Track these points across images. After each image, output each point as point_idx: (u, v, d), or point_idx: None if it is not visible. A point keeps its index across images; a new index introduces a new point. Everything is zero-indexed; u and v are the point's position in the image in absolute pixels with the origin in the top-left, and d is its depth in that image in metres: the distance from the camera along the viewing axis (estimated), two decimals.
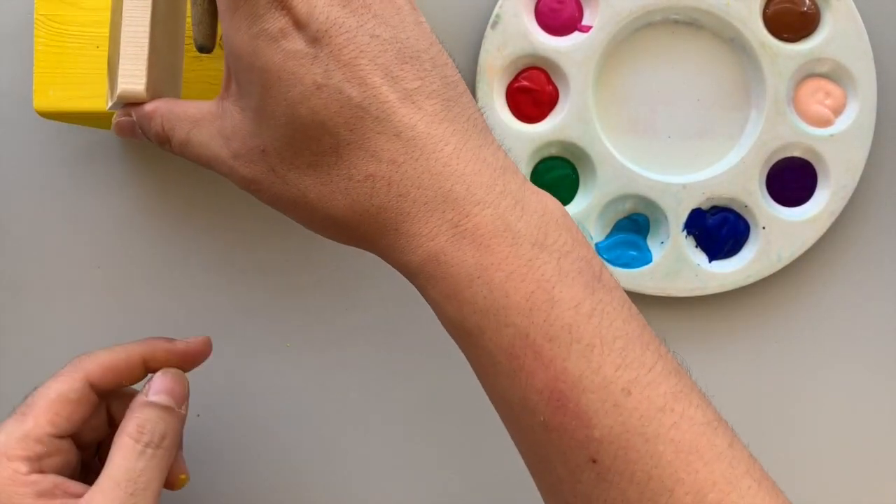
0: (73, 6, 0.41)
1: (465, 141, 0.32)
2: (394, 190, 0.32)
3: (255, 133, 0.33)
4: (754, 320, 0.51)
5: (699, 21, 0.49)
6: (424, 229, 0.32)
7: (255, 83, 0.32)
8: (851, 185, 0.49)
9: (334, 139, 0.32)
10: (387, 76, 0.32)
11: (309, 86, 0.31)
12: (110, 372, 0.40)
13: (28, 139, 0.49)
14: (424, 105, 0.32)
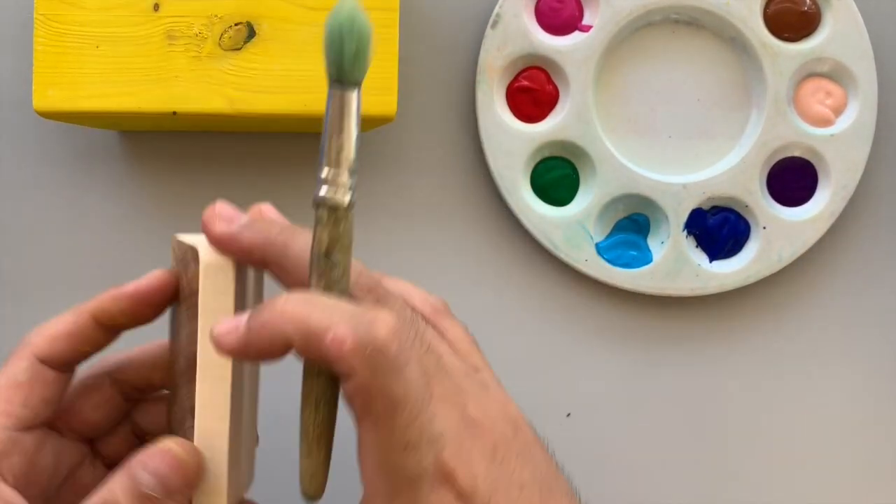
0: (73, 6, 0.41)
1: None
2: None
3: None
4: (754, 320, 0.51)
5: (699, 20, 0.49)
6: None
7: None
8: (852, 185, 0.49)
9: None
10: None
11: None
12: (59, 340, 0.35)
13: (28, 139, 0.49)
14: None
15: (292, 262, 0.33)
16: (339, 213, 0.32)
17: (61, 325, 0.35)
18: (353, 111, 0.32)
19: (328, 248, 0.32)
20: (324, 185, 0.32)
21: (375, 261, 0.50)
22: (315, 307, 0.31)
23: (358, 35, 0.32)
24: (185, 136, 0.49)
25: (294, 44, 0.42)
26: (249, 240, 0.34)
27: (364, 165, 0.50)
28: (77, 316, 0.35)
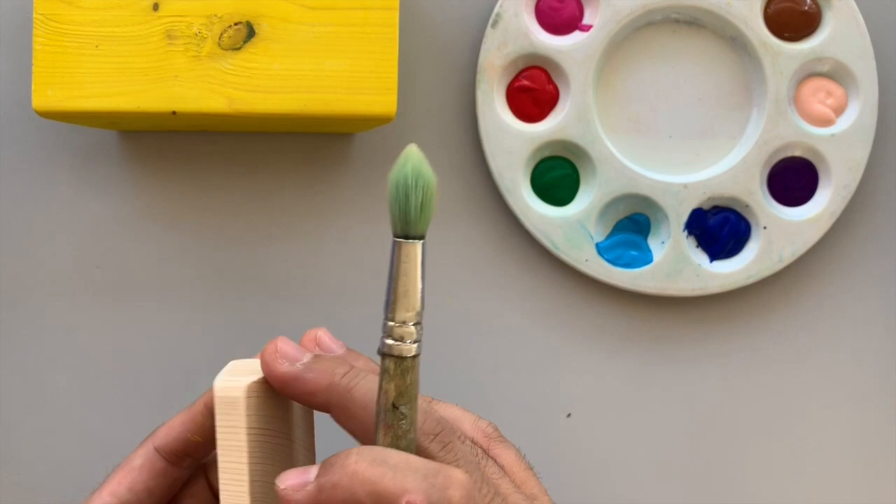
0: (72, 6, 0.41)
1: None
2: None
3: None
4: (755, 320, 0.51)
5: (700, 20, 0.49)
6: None
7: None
8: (853, 184, 0.49)
9: None
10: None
11: None
12: (174, 428, 0.36)
13: (28, 139, 0.49)
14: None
15: (357, 407, 0.33)
16: (406, 364, 0.31)
17: (179, 416, 0.36)
18: (418, 263, 0.31)
19: (395, 400, 0.31)
20: (389, 336, 0.31)
21: (375, 260, 0.50)
22: (387, 469, 0.30)
23: (423, 189, 0.32)
24: (184, 136, 0.49)
25: (294, 44, 0.42)
26: (313, 383, 0.33)
27: (364, 165, 0.50)
28: (191, 407, 0.36)
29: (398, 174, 0.32)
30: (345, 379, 0.33)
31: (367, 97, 0.42)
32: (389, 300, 0.32)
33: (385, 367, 0.31)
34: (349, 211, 0.49)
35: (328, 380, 0.33)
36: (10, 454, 0.49)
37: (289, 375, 0.33)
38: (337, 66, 0.42)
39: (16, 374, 0.49)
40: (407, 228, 0.31)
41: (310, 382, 0.33)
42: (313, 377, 0.33)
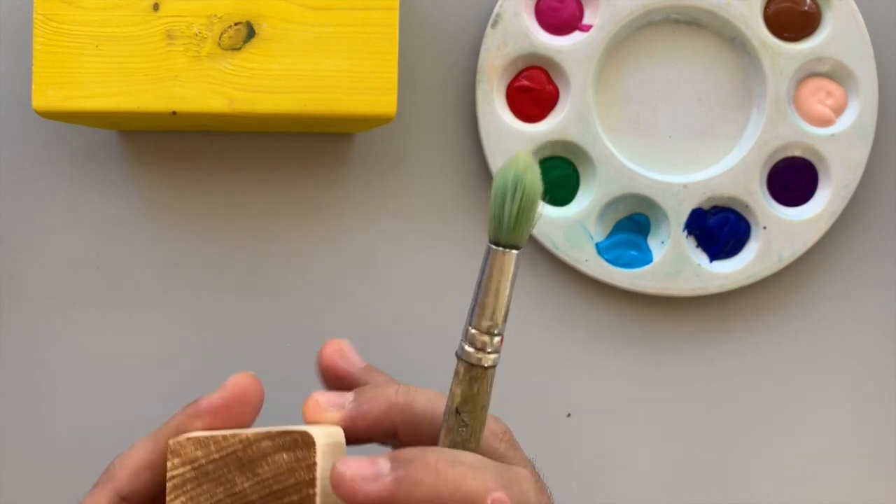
0: (72, 6, 0.41)
1: None
2: None
3: None
4: (754, 320, 0.51)
5: (700, 20, 0.49)
6: None
7: None
8: (852, 184, 0.49)
9: None
10: None
11: None
12: (141, 473, 0.33)
13: (28, 139, 0.49)
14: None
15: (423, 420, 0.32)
16: (477, 372, 0.31)
17: (141, 455, 0.33)
18: (509, 274, 0.30)
19: (459, 405, 0.31)
20: (467, 340, 0.31)
21: (376, 261, 0.50)
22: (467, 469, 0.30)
23: (523, 198, 0.30)
24: (184, 136, 0.49)
25: (294, 44, 0.42)
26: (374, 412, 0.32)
27: (364, 165, 0.50)
28: (155, 443, 0.33)
29: (500, 179, 0.30)
30: (401, 396, 0.33)
31: (367, 97, 0.42)
32: (474, 305, 0.31)
33: (457, 370, 0.31)
34: (349, 211, 0.49)
35: (386, 403, 0.32)
36: (9, 454, 0.49)
37: (348, 418, 0.32)
38: (337, 66, 0.42)
39: (16, 374, 0.49)
40: (499, 236, 0.30)
41: (371, 414, 0.32)
42: (370, 408, 0.32)
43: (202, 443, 0.30)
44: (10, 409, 0.49)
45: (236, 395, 0.32)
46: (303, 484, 0.29)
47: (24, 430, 0.49)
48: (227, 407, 0.32)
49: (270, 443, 0.30)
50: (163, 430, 0.33)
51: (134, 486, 0.33)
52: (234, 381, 0.32)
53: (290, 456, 0.29)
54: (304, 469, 0.29)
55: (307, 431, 0.29)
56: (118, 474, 0.33)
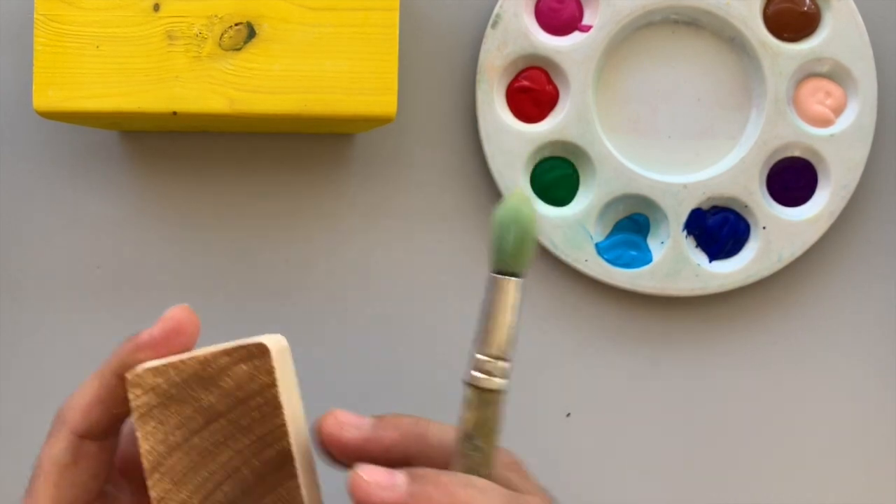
0: (73, 6, 0.41)
1: None
2: None
3: None
4: (754, 320, 0.51)
5: (699, 21, 0.49)
6: None
7: None
8: (852, 185, 0.49)
9: None
10: None
11: None
12: (93, 411, 0.34)
13: (28, 139, 0.49)
14: None
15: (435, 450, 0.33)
16: (486, 397, 0.32)
17: (89, 393, 0.34)
18: (509, 301, 0.31)
19: (472, 430, 0.32)
20: (475, 368, 0.32)
21: (376, 261, 0.50)
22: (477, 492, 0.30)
23: (519, 229, 0.32)
24: (185, 137, 0.49)
25: (294, 44, 0.42)
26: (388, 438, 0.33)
27: (364, 166, 0.50)
28: (101, 379, 0.34)
29: (499, 210, 0.32)
30: (416, 427, 0.34)
31: (368, 98, 0.42)
32: (479, 333, 0.32)
33: (466, 396, 0.32)
34: (349, 211, 0.50)
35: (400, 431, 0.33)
36: (9, 454, 0.49)
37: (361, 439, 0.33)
38: (337, 67, 0.42)
39: (16, 374, 0.49)
40: (501, 264, 0.32)
41: (385, 439, 0.33)
42: (385, 434, 0.33)
43: (160, 371, 0.32)
44: (11, 409, 0.49)
45: (175, 327, 0.33)
46: (265, 387, 0.31)
47: (25, 429, 0.49)
48: (167, 339, 0.33)
49: (228, 358, 0.32)
50: (105, 367, 0.34)
51: (88, 422, 0.34)
52: (172, 315, 0.33)
53: (249, 365, 0.31)
54: (264, 374, 0.31)
55: (260, 342, 0.32)
56: (70, 416, 0.34)
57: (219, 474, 0.32)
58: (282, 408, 0.32)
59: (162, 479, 0.32)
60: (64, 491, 0.34)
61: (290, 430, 0.32)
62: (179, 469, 0.32)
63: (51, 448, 0.34)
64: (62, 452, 0.34)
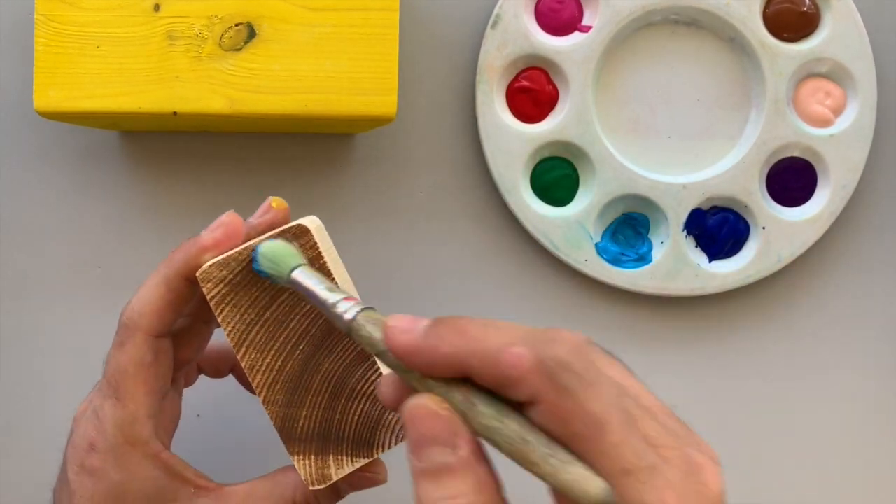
0: (73, 6, 0.41)
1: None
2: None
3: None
4: (754, 320, 0.51)
5: (699, 21, 0.49)
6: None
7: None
8: (851, 185, 0.49)
9: None
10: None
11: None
12: (166, 314, 0.38)
13: (28, 139, 0.49)
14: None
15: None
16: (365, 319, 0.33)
17: (158, 297, 0.38)
18: (308, 283, 0.34)
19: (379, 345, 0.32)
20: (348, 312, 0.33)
21: (376, 261, 0.50)
22: (493, 329, 0.30)
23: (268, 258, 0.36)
24: (185, 137, 0.49)
25: (294, 44, 0.42)
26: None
27: (364, 166, 0.50)
28: (168, 283, 0.38)
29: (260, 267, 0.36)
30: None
31: (368, 98, 0.42)
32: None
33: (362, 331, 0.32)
34: (350, 211, 0.50)
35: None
36: (10, 453, 0.49)
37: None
38: (337, 67, 0.42)
39: (16, 373, 0.49)
40: (282, 274, 0.35)
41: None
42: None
43: (223, 264, 0.36)
44: (11, 409, 0.49)
45: (235, 230, 0.37)
46: (313, 259, 0.36)
47: (26, 429, 0.49)
48: (228, 239, 0.37)
49: (289, 233, 0.36)
50: (168, 270, 0.38)
51: (163, 324, 0.38)
52: (230, 220, 0.37)
53: (296, 244, 0.36)
54: (310, 248, 0.36)
55: (299, 223, 0.36)
56: (143, 321, 0.38)
57: (294, 337, 0.37)
58: (331, 273, 0.36)
59: (248, 351, 0.37)
60: (152, 384, 0.38)
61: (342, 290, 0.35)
62: (260, 340, 0.37)
63: (129, 352, 0.37)
64: (145, 354, 0.37)
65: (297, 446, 0.37)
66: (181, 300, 0.38)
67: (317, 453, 0.38)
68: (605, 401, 0.29)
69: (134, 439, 0.37)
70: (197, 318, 0.40)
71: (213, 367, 0.44)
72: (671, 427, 0.30)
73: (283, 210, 0.39)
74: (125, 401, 0.37)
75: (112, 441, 0.37)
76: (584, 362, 0.29)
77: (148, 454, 0.37)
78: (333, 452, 0.38)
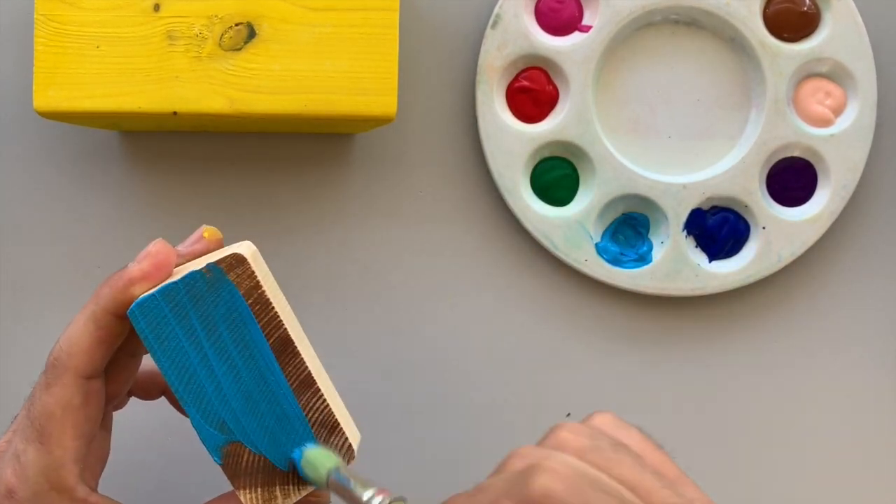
0: (73, 6, 0.41)
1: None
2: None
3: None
4: (754, 320, 0.51)
5: (699, 21, 0.49)
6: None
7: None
8: (851, 184, 0.49)
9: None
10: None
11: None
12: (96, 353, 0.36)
13: (28, 139, 0.49)
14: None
15: None
16: None
17: (87, 335, 0.36)
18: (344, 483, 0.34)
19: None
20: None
21: (375, 260, 0.50)
22: (477, 494, 0.30)
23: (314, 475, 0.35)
24: (185, 137, 0.49)
25: (294, 44, 0.42)
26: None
27: (365, 166, 0.50)
28: (97, 320, 0.36)
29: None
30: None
31: (368, 98, 0.42)
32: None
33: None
34: (350, 211, 0.50)
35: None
36: None
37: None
38: (337, 67, 0.42)
39: (16, 374, 0.49)
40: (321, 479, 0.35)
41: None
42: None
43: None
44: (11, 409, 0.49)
45: (164, 260, 0.36)
46: (252, 288, 0.35)
47: None
48: (158, 271, 0.36)
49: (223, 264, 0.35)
50: (96, 308, 0.36)
51: (93, 364, 0.36)
52: (158, 249, 0.36)
53: (232, 275, 0.35)
54: (247, 278, 0.35)
55: (235, 253, 0.35)
56: (72, 361, 0.35)
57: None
58: (271, 302, 0.35)
59: None
60: (81, 428, 0.36)
61: (283, 319, 0.35)
62: None
63: (56, 395, 0.35)
64: (73, 396, 0.35)
65: (243, 480, 0.36)
66: (112, 338, 0.36)
67: (263, 485, 0.36)
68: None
69: (60, 486, 0.35)
70: (124, 351, 0.38)
71: (143, 390, 0.42)
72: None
73: (214, 240, 0.38)
74: (50, 446, 0.35)
75: (35, 488, 0.35)
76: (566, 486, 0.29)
77: (75, 500, 0.35)
78: (280, 483, 0.36)
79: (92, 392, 0.36)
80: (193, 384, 0.35)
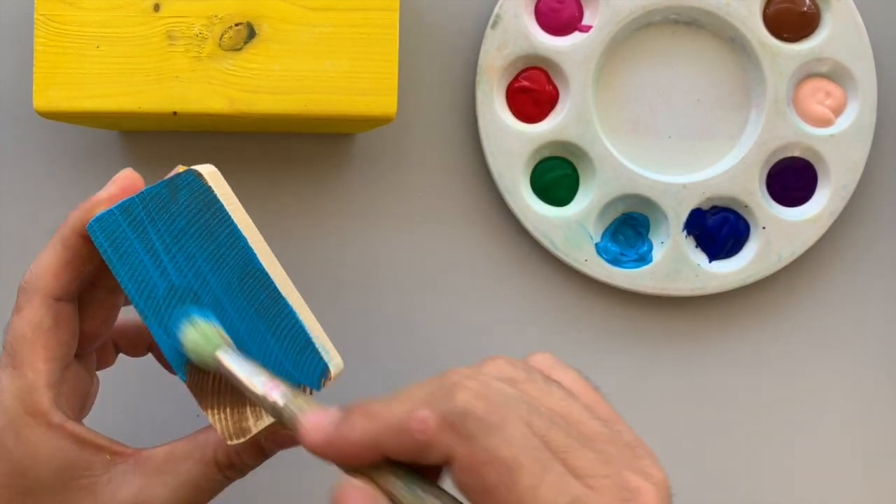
0: (73, 6, 0.41)
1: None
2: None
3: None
4: (754, 320, 0.51)
5: (699, 21, 0.49)
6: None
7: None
8: (852, 185, 0.49)
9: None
10: None
11: None
12: (64, 274, 0.36)
13: (28, 139, 0.49)
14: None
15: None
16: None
17: (55, 258, 0.36)
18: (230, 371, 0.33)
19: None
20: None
21: (376, 260, 0.50)
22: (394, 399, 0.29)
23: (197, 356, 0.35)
24: (185, 136, 0.49)
25: (294, 44, 0.42)
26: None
27: (365, 166, 0.50)
28: (64, 241, 0.36)
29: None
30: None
31: (368, 98, 0.42)
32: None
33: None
34: (349, 211, 0.50)
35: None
36: None
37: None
38: (337, 67, 0.42)
39: None
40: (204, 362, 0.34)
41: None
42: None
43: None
44: None
45: (131, 185, 0.36)
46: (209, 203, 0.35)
47: None
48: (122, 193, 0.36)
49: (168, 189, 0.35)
50: (64, 230, 0.36)
51: (62, 285, 0.36)
52: (126, 175, 0.36)
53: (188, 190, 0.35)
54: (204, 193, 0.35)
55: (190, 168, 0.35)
56: (41, 283, 0.36)
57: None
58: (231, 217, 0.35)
59: None
60: (53, 350, 0.35)
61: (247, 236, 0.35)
62: None
63: (27, 317, 0.35)
64: (43, 318, 0.35)
65: (211, 400, 0.35)
66: (79, 258, 0.36)
67: (232, 406, 0.35)
68: (516, 442, 0.27)
69: (33, 409, 0.34)
70: (100, 285, 0.38)
71: (130, 344, 0.42)
72: (607, 451, 0.29)
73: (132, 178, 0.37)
74: (22, 368, 0.35)
75: (10, 413, 0.34)
76: (487, 404, 0.28)
77: (51, 424, 0.34)
78: (250, 403, 0.35)
79: (63, 315, 0.36)
80: (154, 298, 0.35)
